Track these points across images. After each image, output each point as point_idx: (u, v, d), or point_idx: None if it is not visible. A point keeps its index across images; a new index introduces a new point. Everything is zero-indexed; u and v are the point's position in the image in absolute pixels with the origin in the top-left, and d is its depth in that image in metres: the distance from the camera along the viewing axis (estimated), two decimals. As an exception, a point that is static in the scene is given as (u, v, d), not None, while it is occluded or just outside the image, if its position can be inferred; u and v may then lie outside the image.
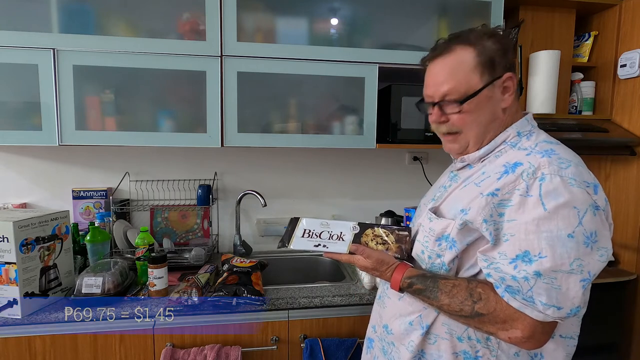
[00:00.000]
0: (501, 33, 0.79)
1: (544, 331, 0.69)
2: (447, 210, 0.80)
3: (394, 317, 0.88)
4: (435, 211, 0.82)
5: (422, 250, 0.83)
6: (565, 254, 0.65)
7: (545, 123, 1.62)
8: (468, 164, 0.84)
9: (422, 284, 0.77)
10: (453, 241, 0.76)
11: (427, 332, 0.82)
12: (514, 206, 0.69)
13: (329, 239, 0.92)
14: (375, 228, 0.93)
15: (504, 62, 0.76)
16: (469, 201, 0.75)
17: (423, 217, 0.86)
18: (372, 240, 0.90)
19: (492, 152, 0.79)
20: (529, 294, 0.66)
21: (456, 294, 0.74)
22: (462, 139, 0.81)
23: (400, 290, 0.81)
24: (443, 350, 0.80)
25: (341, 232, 0.93)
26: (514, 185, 0.70)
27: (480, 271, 0.76)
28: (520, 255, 0.67)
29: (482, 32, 0.77)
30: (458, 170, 0.87)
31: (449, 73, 0.77)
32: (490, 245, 0.72)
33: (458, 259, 0.78)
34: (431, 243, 0.80)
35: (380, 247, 0.88)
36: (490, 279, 0.72)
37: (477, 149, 0.81)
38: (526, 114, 0.82)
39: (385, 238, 0.90)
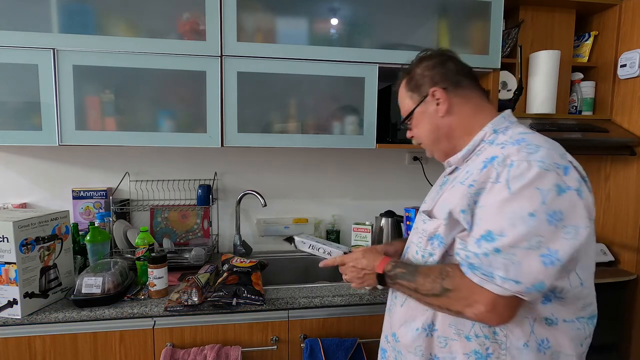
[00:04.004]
0: (430, 54, 0.90)
1: (506, 305, 0.70)
2: (438, 212, 0.83)
3: (400, 325, 0.88)
4: (429, 214, 0.86)
5: (417, 250, 0.87)
6: (525, 232, 0.67)
7: (545, 123, 1.62)
8: (456, 167, 0.88)
9: (404, 268, 0.85)
10: (441, 238, 0.80)
11: (435, 335, 0.82)
12: (486, 193, 0.73)
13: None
14: None
15: (428, 81, 0.88)
16: (456, 198, 0.79)
17: (417, 220, 0.91)
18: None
19: (473, 152, 0.84)
20: (488, 269, 0.69)
21: (429, 273, 0.79)
22: (427, 148, 0.94)
23: (384, 273, 0.88)
24: (455, 352, 0.80)
25: (330, 251, 1.21)
26: (488, 175, 0.74)
27: None
28: (484, 235, 0.71)
29: (416, 61, 0.92)
30: (449, 174, 0.91)
31: (399, 101, 0.96)
32: (467, 232, 0.76)
33: (449, 256, 0.80)
34: (424, 243, 0.84)
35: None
36: (457, 258, 0.76)
37: (446, 154, 0.90)
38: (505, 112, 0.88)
39: None
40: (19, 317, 1.13)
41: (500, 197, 0.70)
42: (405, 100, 0.93)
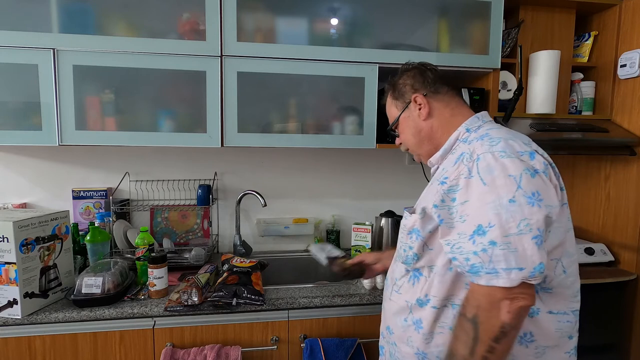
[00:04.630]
0: (410, 66, 0.98)
1: (522, 291, 0.70)
2: (417, 208, 0.88)
3: (392, 316, 0.92)
4: (412, 211, 0.90)
5: (400, 245, 0.93)
6: (510, 218, 0.70)
7: (545, 123, 1.62)
8: (437, 166, 0.94)
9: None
10: (418, 231, 0.85)
11: (421, 333, 0.84)
12: (462, 189, 0.76)
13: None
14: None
15: (409, 89, 0.96)
16: (431, 195, 0.84)
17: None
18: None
19: (449, 150, 0.90)
20: (490, 265, 0.70)
21: (456, 331, 0.76)
22: (413, 152, 1.00)
23: None
24: (442, 345, 0.82)
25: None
26: (459, 171, 0.78)
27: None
28: (475, 231, 0.73)
29: (399, 73, 1.00)
30: (433, 175, 0.96)
31: (387, 112, 1.04)
32: (446, 228, 0.78)
33: (429, 249, 0.84)
34: (404, 237, 0.90)
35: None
36: (455, 263, 0.76)
37: (430, 156, 0.95)
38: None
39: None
40: (19, 317, 1.13)
41: (478, 191, 0.73)
42: (391, 109, 1.01)
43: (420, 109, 0.93)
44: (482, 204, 0.72)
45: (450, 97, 0.94)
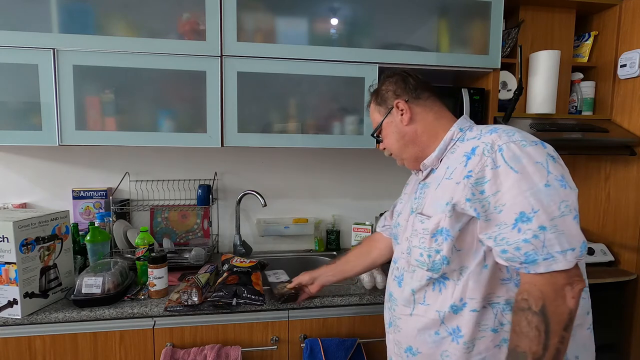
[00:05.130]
0: (392, 74, 1.00)
1: (577, 273, 0.71)
2: (432, 210, 0.85)
3: (417, 334, 0.87)
4: (421, 213, 0.88)
5: (421, 253, 0.86)
6: (551, 202, 0.71)
7: (545, 123, 1.62)
8: (431, 169, 0.93)
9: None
10: (447, 232, 0.80)
11: (460, 338, 0.81)
12: (490, 180, 0.75)
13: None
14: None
15: (391, 95, 0.97)
16: (450, 192, 0.81)
17: (409, 227, 0.91)
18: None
19: (446, 150, 0.90)
20: (544, 250, 0.70)
21: (517, 327, 0.73)
22: (397, 157, 1.01)
23: None
24: (484, 351, 0.80)
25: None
26: (482, 164, 0.77)
27: (484, 256, 0.79)
28: (518, 219, 0.72)
29: (382, 79, 1.01)
30: (424, 180, 0.94)
31: (371, 117, 1.05)
32: (483, 221, 0.76)
33: (457, 250, 0.81)
34: (427, 242, 0.84)
35: None
36: (507, 256, 0.74)
37: (416, 159, 0.95)
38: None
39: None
40: (19, 317, 1.13)
41: (511, 179, 0.73)
42: (374, 114, 1.02)
43: (402, 114, 0.94)
44: (519, 192, 0.72)
45: (432, 102, 0.95)
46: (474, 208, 0.76)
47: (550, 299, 0.70)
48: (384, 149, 1.04)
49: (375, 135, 1.03)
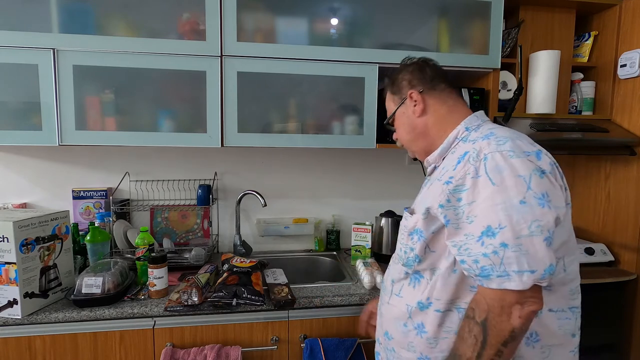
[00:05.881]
0: (409, 62, 0.98)
1: (533, 295, 0.70)
2: (417, 208, 0.86)
3: (391, 321, 0.90)
4: (411, 211, 0.89)
5: (400, 247, 0.90)
6: (521, 220, 0.68)
7: (545, 123, 1.62)
8: (435, 165, 0.93)
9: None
10: (421, 232, 0.82)
11: (424, 334, 0.83)
12: (469, 189, 0.74)
13: None
14: None
15: (406, 84, 0.95)
16: (433, 194, 0.81)
17: (402, 218, 0.94)
18: None
19: (448, 149, 0.89)
20: (501, 268, 0.69)
21: (461, 332, 0.75)
22: (408, 149, 1.00)
23: None
24: (446, 350, 0.81)
25: None
26: (465, 171, 0.76)
27: (454, 260, 0.79)
28: (484, 232, 0.71)
29: (399, 68, 0.99)
30: (430, 175, 0.95)
31: (386, 105, 1.03)
32: (453, 229, 0.76)
33: (430, 251, 0.82)
34: (405, 238, 0.88)
35: None
36: (464, 266, 0.75)
37: (426, 152, 0.94)
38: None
39: None
40: (19, 317, 1.13)
41: (487, 191, 0.72)
42: (389, 103, 1.01)
43: (415, 106, 0.92)
44: (491, 205, 0.70)
45: (447, 94, 0.92)
46: (444, 215, 0.76)
47: (494, 314, 0.70)
48: (397, 139, 1.02)
49: (388, 124, 1.01)
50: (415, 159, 1.03)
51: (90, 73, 1.36)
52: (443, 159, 0.89)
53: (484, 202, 0.71)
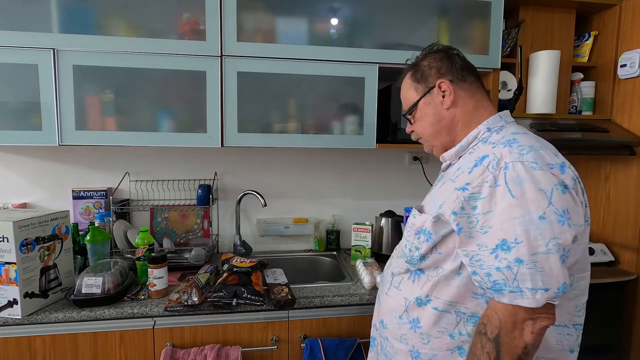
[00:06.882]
0: (437, 48, 0.91)
1: (545, 311, 0.68)
2: (428, 207, 0.84)
3: (387, 312, 0.90)
4: (420, 209, 0.87)
5: (405, 244, 0.88)
6: (539, 236, 0.66)
7: (545, 123, 1.62)
8: (450, 163, 0.90)
9: None
10: (429, 233, 0.80)
11: (418, 329, 0.83)
12: (485, 198, 0.71)
13: None
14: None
15: (435, 72, 0.88)
16: (445, 196, 0.79)
17: (410, 215, 0.91)
18: None
19: (466, 148, 0.85)
20: (514, 284, 0.67)
21: (473, 347, 0.74)
22: (426, 142, 0.94)
23: None
24: (437, 349, 0.81)
25: None
26: (483, 178, 0.72)
27: (461, 265, 0.77)
28: (499, 245, 0.69)
29: (422, 55, 0.92)
30: (444, 171, 0.92)
31: (402, 94, 0.96)
32: (465, 237, 0.74)
33: (437, 253, 0.80)
34: (412, 237, 0.85)
35: None
36: (476, 278, 0.73)
37: (445, 149, 0.90)
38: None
39: None
40: (19, 317, 1.13)
41: (505, 203, 0.69)
42: (409, 92, 0.92)
43: (444, 97, 0.86)
44: (509, 218, 0.67)
45: (475, 87, 0.87)
46: (457, 222, 0.74)
47: (506, 330, 0.68)
48: (412, 131, 0.96)
49: (407, 115, 0.94)
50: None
51: (90, 73, 1.36)
52: (459, 158, 0.86)
53: (501, 214, 0.69)
